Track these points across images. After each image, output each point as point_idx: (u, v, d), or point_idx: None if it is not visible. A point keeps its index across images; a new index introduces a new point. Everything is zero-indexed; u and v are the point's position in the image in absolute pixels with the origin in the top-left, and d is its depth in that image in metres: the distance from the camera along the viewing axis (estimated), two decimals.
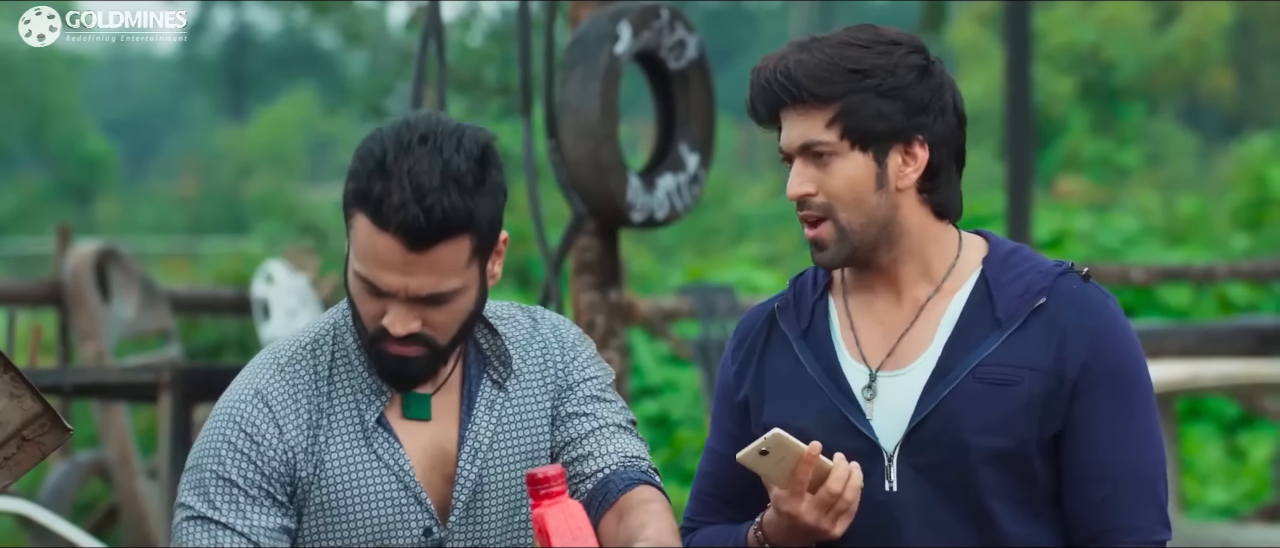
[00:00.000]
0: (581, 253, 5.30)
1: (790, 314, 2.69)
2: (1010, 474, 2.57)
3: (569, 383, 2.63)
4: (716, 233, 20.59)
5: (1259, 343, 7.90)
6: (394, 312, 2.49)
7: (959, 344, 2.59)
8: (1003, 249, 2.66)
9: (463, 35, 16.75)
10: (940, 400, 2.57)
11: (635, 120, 16.24)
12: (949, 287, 2.63)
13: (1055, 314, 2.59)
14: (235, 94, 34.99)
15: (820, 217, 2.60)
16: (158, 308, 8.98)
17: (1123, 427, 2.59)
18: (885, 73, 2.59)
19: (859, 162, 2.59)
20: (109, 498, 8.96)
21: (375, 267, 2.47)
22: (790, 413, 2.62)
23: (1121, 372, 2.59)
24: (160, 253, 21.71)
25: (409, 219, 2.43)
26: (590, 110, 5.11)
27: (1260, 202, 14.53)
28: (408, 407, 2.57)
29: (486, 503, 2.58)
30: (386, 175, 2.44)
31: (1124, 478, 2.58)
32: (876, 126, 2.58)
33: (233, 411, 2.55)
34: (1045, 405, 2.57)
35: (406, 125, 2.48)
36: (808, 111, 2.59)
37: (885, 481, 2.59)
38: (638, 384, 11.69)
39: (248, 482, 2.52)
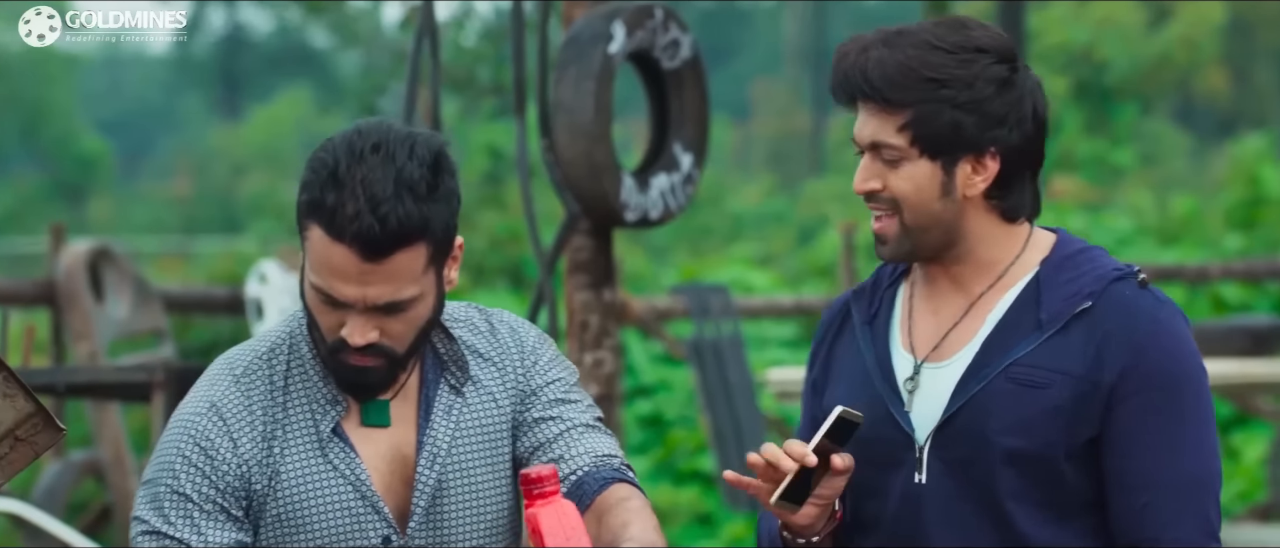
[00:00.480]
0: (575, 253, 5.29)
1: (863, 300, 2.69)
2: (1032, 477, 2.55)
3: (532, 387, 2.62)
4: (710, 233, 20.60)
5: (1253, 343, 7.90)
6: (352, 322, 2.48)
7: (997, 342, 2.58)
8: (1067, 249, 2.63)
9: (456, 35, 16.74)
10: (971, 397, 2.56)
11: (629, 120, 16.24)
12: (1005, 283, 2.61)
13: (1099, 320, 2.56)
14: (229, 94, 34.97)
15: (887, 212, 2.59)
16: (151, 308, 8.97)
17: (1165, 434, 2.54)
18: (962, 84, 2.54)
19: (926, 168, 2.57)
20: (102, 498, 8.95)
21: (331, 278, 2.46)
22: (846, 398, 2.63)
23: (1166, 379, 2.55)
24: (154, 252, 21.69)
25: (364, 229, 2.42)
26: (584, 110, 5.11)
27: (1254, 201, 14.54)
28: (366, 414, 2.56)
29: (447, 508, 2.57)
30: (340, 186, 2.43)
31: (1165, 486, 2.54)
32: (947, 138, 2.55)
33: (187, 425, 2.55)
34: (1075, 411, 2.54)
35: (357, 134, 2.47)
36: (881, 112, 2.56)
37: (915, 473, 2.59)
38: (631, 384, 11.69)
39: (202, 496, 2.51)
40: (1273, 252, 13.45)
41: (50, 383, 5.98)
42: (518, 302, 13.26)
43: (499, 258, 15.52)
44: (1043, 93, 2.62)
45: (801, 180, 25.71)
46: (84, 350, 8.58)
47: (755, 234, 20.80)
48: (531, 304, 5.25)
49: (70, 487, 8.57)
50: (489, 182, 17.13)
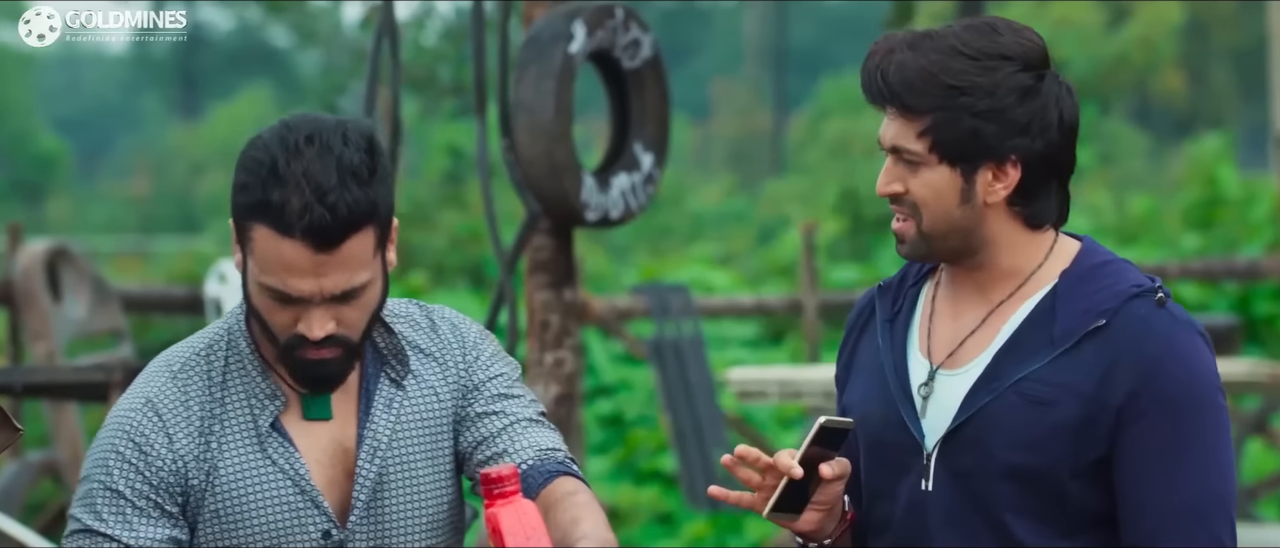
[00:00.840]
0: (536, 252, 5.29)
1: (888, 296, 2.67)
2: (1034, 492, 2.53)
3: (474, 382, 2.62)
4: (671, 232, 20.61)
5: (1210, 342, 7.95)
6: (309, 316, 2.47)
7: (1010, 355, 2.55)
8: (1090, 261, 2.60)
9: (417, 34, 16.71)
10: (979, 409, 2.54)
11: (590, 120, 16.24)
12: (1025, 292, 2.58)
13: (1112, 338, 2.52)
14: (188, 93, 34.83)
15: (907, 214, 2.57)
16: (109, 307, 8.93)
17: (1173, 458, 2.51)
18: (983, 92, 2.51)
19: (945, 175, 2.54)
20: (60, 498, 8.90)
21: (284, 275, 2.45)
22: (862, 397, 2.62)
23: (1175, 401, 2.51)
24: (112, 252, 21.59)
25: (315, 220, 2.42)
26: (544, 110, 5.11)
27: (1211, 201, 14.62)
28: (308, 408, 2.55)
29: (388, 502, 2.56)
30: (282, 182, 2.42)
31: (1173, 510, 2.51)
32: (967, 145, 2.52)
33: (123, 420, 2.53)
34: (1082, 430, 2.51)
35: (287, 128, 2.46)
36: (903, 116, 2.54)
37: (923, 479, 2.57)
38: (592, 383, 11.68)
39: (135, 493, 2.50)
40: (1230, 252, 13.53)
41: (7, 383, 5.95)
42: (478, 301, 13.24)
43: (459, 257, 15.50)
44: (1073, 99, 2.59)
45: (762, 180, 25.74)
46: (41, 350, 8.54)
47: (715, 234, 20.82)
48: (492, 304, 5.24)
49: (27, 487, 8.52)
50: (449, 181, 17.11)
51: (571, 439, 5.35)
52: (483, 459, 2.59)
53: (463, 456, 2.61)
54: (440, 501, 2.61)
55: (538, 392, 5.23)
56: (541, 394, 5.23)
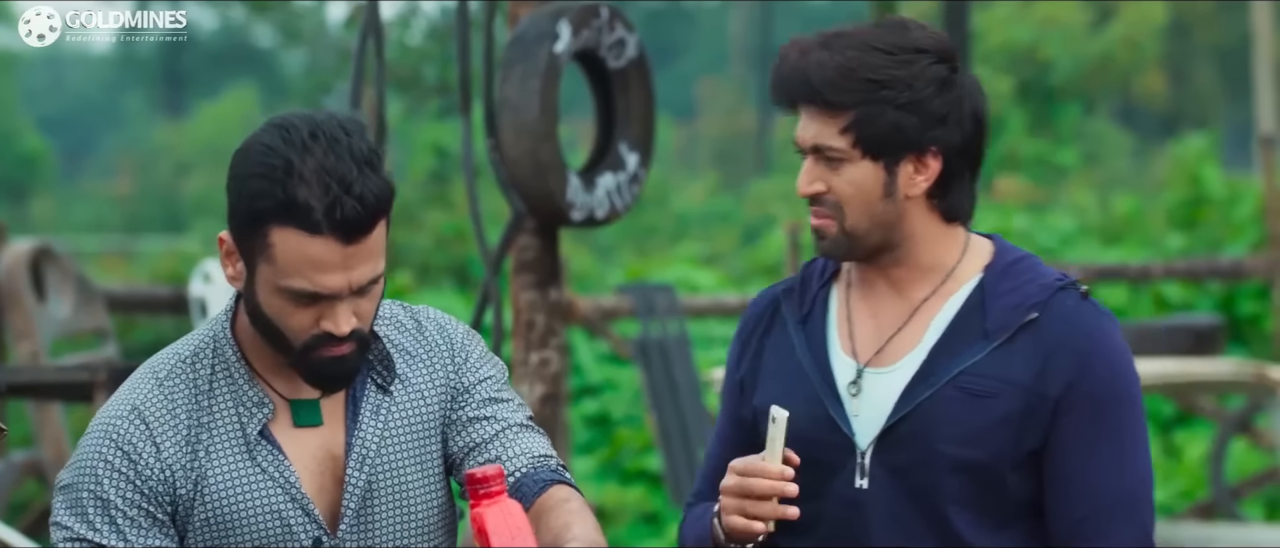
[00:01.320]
0: (521, 252, 5.29)
1: (794, 299, 2.68)
2: (977, 485, 2.56)
3: (463, 385, 2.60)
4: (656, 232, 20.61)
5: (1194, 342, 7.96)
6: (336, 312, 2.45)
7: (945, 350, 2.57)
8: (1007, 258, 2.64)
9: (401, 33, 16.70)
10: (917, 404, 2.56)
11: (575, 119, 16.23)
12: (947, 289, 2.61)
13: (1044, 331, 2.56)
14: (172, 92, 34.76)
15: (829, 213, 2.58)
16: (93, 307, 8.91)
17: (1105, 448, 2.56)
18: (903, 85, 2.55)
19: (869, 169, 2.57)
20: (44, 499, 8.88)
21: (314, 273, 2.42)
22: (778, 396, 2.61)
23: (1107, 393, 2.56)
24: (96, 252, 21.55)
25: (348, 212, 2.39)
26: (530, 109, 5.10)
27: (1195, 201, 14.64)
28: (298, 415, 2.53)
29: (377, 509, 2.55)
30: (302, 179, 2.39)
31: (1105, 500, 2.56)
32: (889, 138, 2.55)
33: (110, 428, 2.51)
34: (1022, 422, 2.55)
35: (285, 129, 2.43)
36: (822, 114, 2.56)
37: (857, 476, 2.58)
38: (578, 383, 11.68)
39: (126, 501, 2.48)
40: (1214, 251, 13.56)
41: None
42: (463, 301, 13.23)
43: (444, 257, 15.48)
44: (982, 94, 2.63)
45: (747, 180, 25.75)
46: (25, 350, 8.52)
47: (701, 233, 20.82)
48: (477, 303, 5.23)
49: (11, 487, 8.50)
50: (434, 181, 17.10)
51: (557, 439, 5.35)
52: (475, 466, 2.58)
53: (453, 459, 2.60)
54: (430, 505, 2.59)
55: (523, 392, 5.23)
56: (527, 394, 5.23)
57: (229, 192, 2.46)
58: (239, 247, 2.47)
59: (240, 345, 2.54)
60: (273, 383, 2.54)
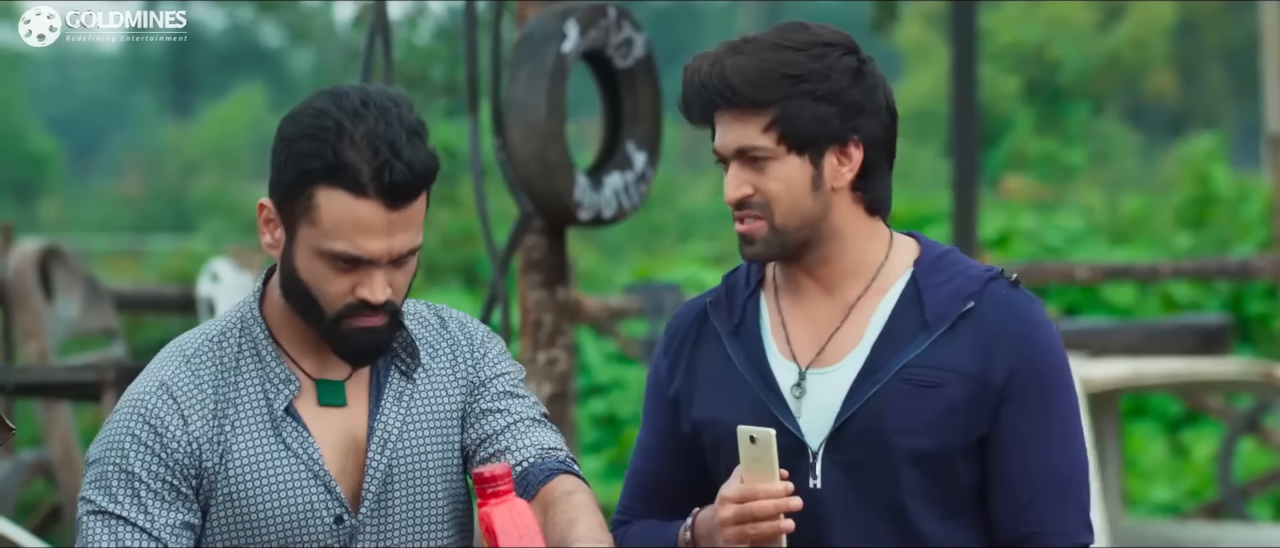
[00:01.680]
0: (529, 251, 5.29)
1: (722, 310, 2.70)
2: (931, 475, 2.60)
3: (481, 379, 2.63)
4: (663, 231, 20.60)
5: (1202, 341, 7.95)
6: (372, 280, 2.49)
7: (887, 345, 2.61)
8: (934, 252, 2.68)
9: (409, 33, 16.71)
10: (866, 400, 2.59)
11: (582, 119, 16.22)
12: (879, 286, 2.65)
13: (983, 319, 2.61)
14: (181, 92, 34.79)
15: (756, 215, 2.61)
16: (102, 307, 8.92)
17: (1047, 432, 2.61)
18: (820, 77, 2.59)
19: (795, 165, 2.60)
20: (52, 498, 8.89)
21: (357, 236, 2.46)
22: (719, 408, 2.63)
23: (1046, 377, 2.61)
24: (105, 251, 21.57)
25: (396, 176, 2.44)
26: (537, 109, 5.10)
27: (1203, 200, 14.64)
28: (323, 394, 2.56)
29: (397, 494, 2.57)
30: (355, 143, 2.44)
31: (1048, 482, 2.60)
32: (813, 131, 2.59)
33: (137, 403, 2.54)
34: (970, 409, 2.59)
35: (335, 96, 2.48)
36: (743, 116, 2.59)
37: (810, 477, 2.61)
38: (585, 383, 11.69)
39: (151, 475, 2.50)
40: (1222, 251, 13.55)
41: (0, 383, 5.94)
42: (471, 300, 13.24)
43: (452, 257, 15.49)
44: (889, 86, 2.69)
45: None
46: (34, 350, 8.53)
47: (707, 233, 20.81)
48: (485, 303, 5.24)
49: (20, 487, 8.51)
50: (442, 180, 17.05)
51: (565, 438, 5.35)
52: (485, 458, 2.60)
53: (466, 451, 2.63)
54: (450, 495, 2.61)
55: (530, 391, 5.23)
56: (534, 393, 5.23)
57: (275, 154, 2.50)
58: (280, 210, 2.50)
59: (268, 324, 2.57)
60: (300, 362, 2.56)
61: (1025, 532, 2.60)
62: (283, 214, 2.50)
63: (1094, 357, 6.85)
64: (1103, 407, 6.95)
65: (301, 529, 2.52)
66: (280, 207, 2.50)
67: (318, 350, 2.56)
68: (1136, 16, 25.10)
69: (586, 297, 9.32)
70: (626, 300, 9.35)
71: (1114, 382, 6.33)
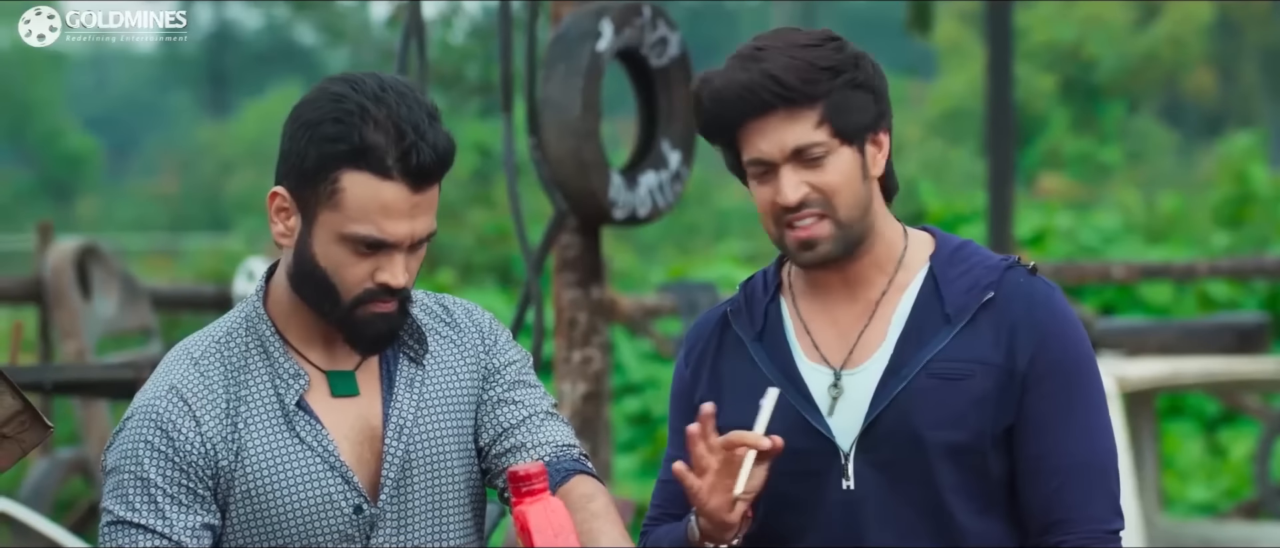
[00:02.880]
0: (563, 250, 5.29)
1: (743, 318, 2.70)
2: (965, 468, 2.60)
3: (493, 366, 2.63)
4: (698, 230, 20.58)
5: (1239, 340, 7.91)
6: (393, 263, 2.49)
7: (911, 340, 2.61)
8: (950, 245, 2.68)
9: (443, 33, 16.73)
10: (894, 397, 2.59)
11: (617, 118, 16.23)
12: (899, 282, 2.65)
13: (1004, 309, 2.61)
14: (217, 91, 34.91)
15: (820, 214, 2.60)
16: (139, 305, 8.96)
17: (1073, 418, 2.61)
18: (852, 66, 2.60)
19: (847, 156, 2.60)
20: (90, 496, 8.93)
21: (381, 218, 2.46)
22: (748, 415, 2.61)
23: (1070, 364, 2.62)
24: (141, 250, 21.66)
25: (423, 158, 2.45)
26: (572, 108, 5.11)
27: (1241, 199, 14.56)
28: (335, 385, 2.56)
29: (415, 480, 2.57)
30: (378, 126, 2.45)
31: (1075, 469, 2.60)
32: (859, 120, 2.60)
33: (148, 409, 2.53)
34: (997, 399, 2.59)
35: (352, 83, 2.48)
36: (795, 114, 2.58)
37: (843, 479, 2.60)
38: (620, 382, 11.69)
39: (167, 480, 2.50)
40: (1260, 249, 13.48)
41: (37, 381, 5.97)
42: (506, 300, 13.25)
43: (486, 256, 15.51)
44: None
45: None
46: (71, 348, 8.57)
47: (742, 231, 20.79)
48: (520, 302, 5.24)
49: (57, 485, 8.55)
50: (477, 180, 17.12)
51: (599, 437, 5.36)
52: (502, 452, 2.61)
53: (481, 448, 2.63)
54: (469, 478, 2.62)
55: (565, 389, 5.23)
56: (569, 392, 5.23)
57: (293, 141, 2.50)
58: (297, 197, 2.50)
59: (274, 320, 2.57)
60: (308, 355, 2.56)
61: (1054, 519, 2.60)
62: (300, 201, 2.50)
63: (1131, 356, 6.83)
64: (1139, 406, 6.92)
65: (321, 522, 2.52)
66: (297, 193, 2.50)
67: (326, 343, 2.56)
68: (1173, 15, 24.99)
69: (621, 296, 9.32)
70: (661, 299, 9.35)
71: (1151, 381, 6.30)
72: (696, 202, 20.45)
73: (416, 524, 2.57)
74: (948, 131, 22.76)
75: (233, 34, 35.04)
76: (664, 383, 11.58)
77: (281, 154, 2.52)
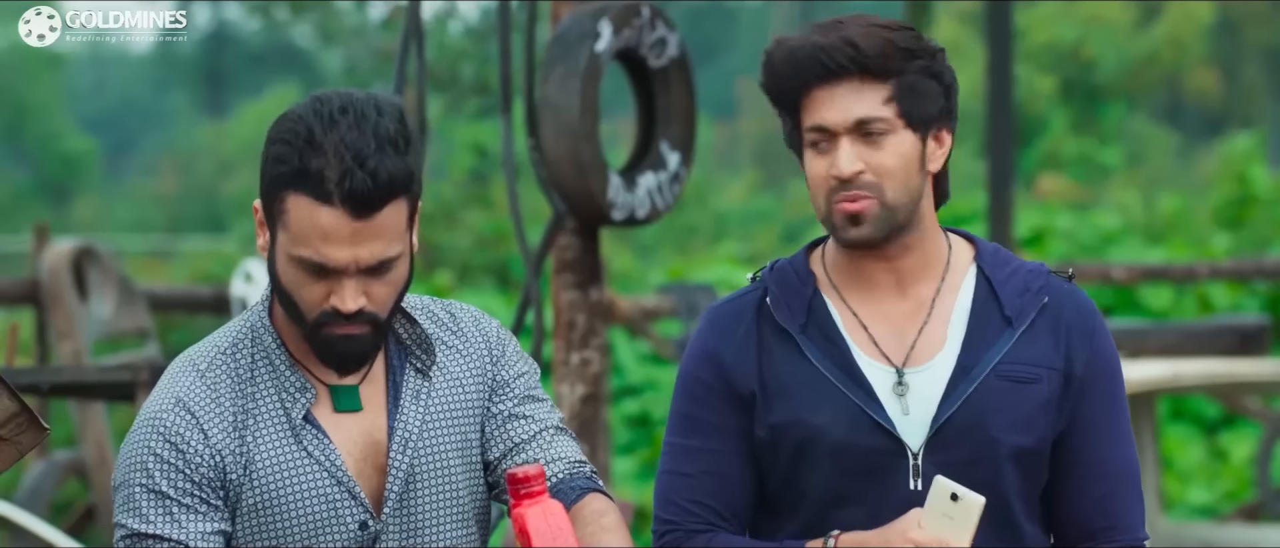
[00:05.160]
0: (562, 252, 5.27)
1: (784, 308, 2.63)
2: (1027, 472, 2.59)
3: (501, 379, 2.62)
4: (696, 231, 20.57)
5: (1240, 342, 7.89)
6: (342, 288, 2.46)
7: (975, 341, 2.58)
8: (988, 247, 2.67)
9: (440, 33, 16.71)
10: (966, 398, 2.56)
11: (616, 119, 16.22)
12: (951, 283, 2.62)
13: (1057, 313, 2.60)
14: (214, 92, 34.91)
15: (867, 193, 2.56)
16: (135, 307, 8.94)
17: (1118, 425, 2.62)
18: (929, 55, 2.57)
19: (909, 141, 2.57)
20: (86, 498, 8.91)
21: (321, 244, 2.44)
22: (804, 411, 2.58)
23: (1112, 370, 2.63)
24: (138, 252, 21.65)
25: (357, 184, 2.41)
26: (571, 109, 5.09)
27: (1241, 200, 14.55)
28: (338, 400, 2.54)
29: (419, 494, 2.56)
30: (320, 150, 2.43)
31: (1119, 476, 2.61)
32: (927, 107, 2.56)
33: (155, 421, 2.52)
34: (1058, 404, 2.59)
35: (319, 102, 2.47)
36: (866, 85, 2.54)
37: (911, 478, 2.57)
38: (619, 383, 11.67)
39: (179, 490, 2.49)
40: (1260, 251, 13.46)
41: (34, 382, 5.95)
42: (504, 301, 13.23)
43: (485, 257, 15.49)
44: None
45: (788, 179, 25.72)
46: (68, 350, 8.54)
47: (741, 233, 20.79)
48: (518, 304, 5.22)
49: (54, 487, 8.53)
50: (475, 180, 17.10)
51: (598, 439, 5.33)
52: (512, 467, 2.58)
53: (490, 462, 2.61)
54: (473, 491, 2.60)
55: (564, 391, 5.21)
56: (568, 394, 5.21)
57: (262, 157, 2.50)
58: (266, 212, 2.50)
59: (278, 329, 2.55)
60: (313, 368, 2.55)
61: (1100, 526, 2.60)
62: (267, 216, 2.50)
63: (1131, 358, 6.81)
64: (1140, 408, 6.91)
65: (326, 536, 2.51)
66: (266, 209, 2.50)
67: None
68: (1173, 16, 24.98)
69: (620, 297, 9.30)
70: (660, 301, 9.33)
71: (1151, 383, 6.28)
72: (695, 203, 20.43)
73: (421, 538, 2.56)
74: None
75: (230, 35, 35.03)
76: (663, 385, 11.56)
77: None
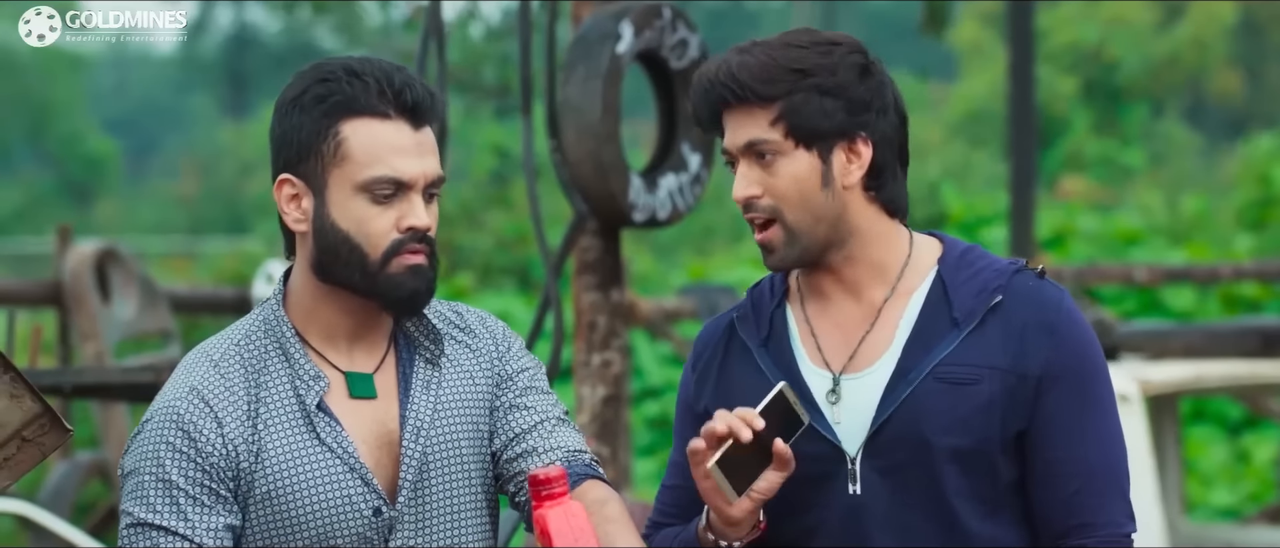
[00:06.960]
0: (583, 253, 5.27)
1: (749, 323, 2.69)
2: (972, 473, 2.59)
3: (507, 372, 2.65)
4: (717, 233, 20.57)
5: (1264, 343, 7.86)
6: (415, 205, 2.52)
7: (918, 345, 2.60)
8: (957, 249, 2.67)
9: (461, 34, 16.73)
10: (901, 402, 2.58)
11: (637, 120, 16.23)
12: (905, 287, 2.64)
13: (1012, 312, 2.60)
14: (236, 93, 34.99)
15: (768, 219, 2.61)
16: (158, 308, 8.96)
17: (1089, 422, 2.60)
18: (826, 71, 2.59)
19: (804, 160, 2.60)
20: (109, 499, 8.94)
21: (393, 157, 2.50)
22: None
23: (1083, 366, 2.61)
24: (160, 253, 21.71)
25: (416, 94, 2.51)
26: (592, 110, 5.09)
27: (1265, 201, 14.51)
28: (353, 386, 2.57)
29: (433, 482, 2.58)
30: (361, 76, 2.52)
31: (1092, 473, 2.60)
32: (820, 124, 2.59)
33: (169, 410, 2.53)
34: (1007, 404, 2.58)
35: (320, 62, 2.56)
36: (751, 111, 2.60)
37: (849, 483, 2.59)
38: (639, 385, 11.67)
39: (189, 481, 2.50)
40: None
41: (57, 384, 5.97)
42: (525, 302, 13.24)
43: (506, 258, 15.50)
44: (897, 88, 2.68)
45: None
46: (91, 351, 8.57)
47: None
48: (539, 305, 5.22)
49: (77, 488, 8.56)
50: (495, 182, 17.12)
51: (619, 441, 5.33)
52: (514, 457, 2.62)
53: (494, 453, 2.64)
54: (484, 481, 2.63)
55: (585, 393, 5.22)
56: (588, 395, 5.21)
57: (283, 124, 2.54)
58: (303, 174, 2.52)
59: (294, 321, 2.57)
60: (328, 356, 2.57)
61: (1073, 524, 2.59)
62: (306, 176, 2.52)
63: (1154, 359, 6.79)
64: (1163, 410, 6.89)
65: (341, 524, 2.52)
66: (301, 170, 2.52)
67: (346, 344, 2.58)
68: (1196, 16, 24.91)
69: (641, 298, 9.30)
70: (681, 302, 9.33)
71: (1174, 384, 6.27)
72: (716, 204, 20.43)
73: (434, 526, 2.57)
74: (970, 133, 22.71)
75: (252, 37, 35.11)
76: None
77: (274, 146, 2.55)
